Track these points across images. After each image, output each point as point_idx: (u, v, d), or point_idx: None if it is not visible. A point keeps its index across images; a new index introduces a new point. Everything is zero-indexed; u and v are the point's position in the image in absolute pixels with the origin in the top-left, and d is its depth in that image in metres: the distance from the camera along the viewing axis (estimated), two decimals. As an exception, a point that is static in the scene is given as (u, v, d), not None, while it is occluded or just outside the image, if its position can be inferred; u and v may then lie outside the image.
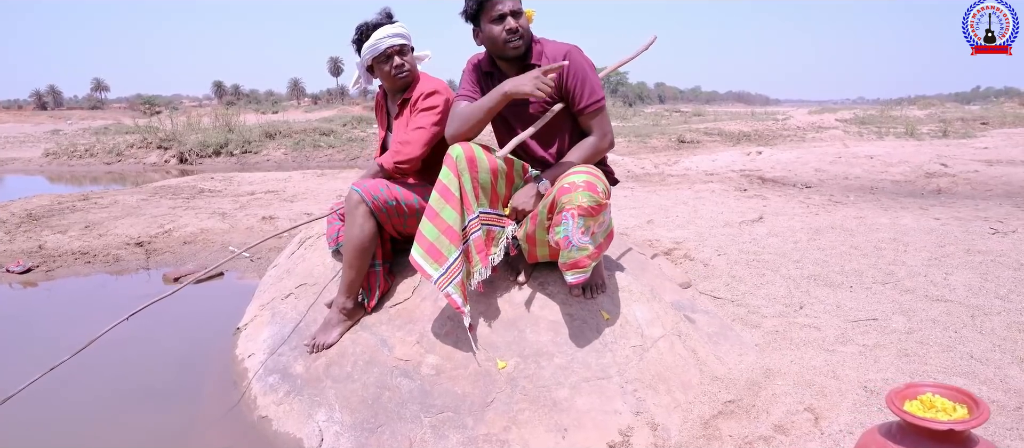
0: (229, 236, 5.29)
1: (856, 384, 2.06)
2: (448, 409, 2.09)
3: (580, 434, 1.95)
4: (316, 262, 3.02)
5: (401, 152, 2.46)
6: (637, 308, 2.38)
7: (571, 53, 2.24)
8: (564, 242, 2.02)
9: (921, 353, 2.26)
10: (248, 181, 8.60)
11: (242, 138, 13.46)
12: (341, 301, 2.49)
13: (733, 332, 2.49)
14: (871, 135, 13.19)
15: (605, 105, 2.31)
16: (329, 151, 13.50)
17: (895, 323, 2.57)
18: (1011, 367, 2.13)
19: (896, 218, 5.01)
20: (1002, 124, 14.15)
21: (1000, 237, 4.14)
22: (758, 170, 8.97)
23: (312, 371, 2.38)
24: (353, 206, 2.44)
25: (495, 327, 2.31)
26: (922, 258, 3.57)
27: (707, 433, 1.91)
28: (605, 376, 2.11)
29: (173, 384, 2.69)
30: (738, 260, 3.75)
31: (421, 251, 2.17)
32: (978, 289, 2.96)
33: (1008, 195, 6.66)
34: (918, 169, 8.42)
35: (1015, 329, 2.46)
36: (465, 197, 2.21)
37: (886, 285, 3.10)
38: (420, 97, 2.53)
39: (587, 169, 2.13)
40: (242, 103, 57.85)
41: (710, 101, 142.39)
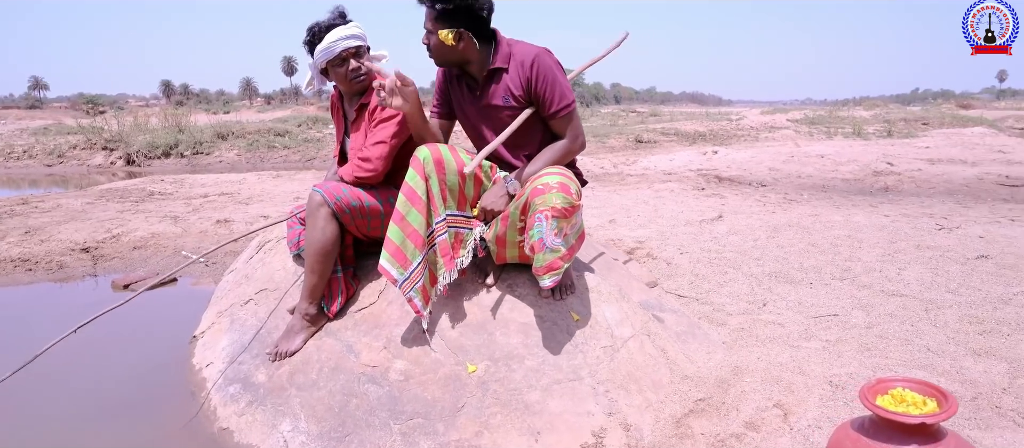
0: (182, 241, 5.11)
1: (822, 379, 2.10)
2: (418, 415, 2.04)
3: (553, 436, 1.93)
4: (276, 267, 2.93)
5: (362, 168, 2.39)
6: (606, 308, 2.38)
7: (540, 57, 2.20)
8: (538, 245, 1.99)
9: (881, 347, 2.33)
10: (201, 183, 8.34)
11: (193, 139, 13.05)
12: (304, 307, 2.42)
13: (701, 330, 2.52)
14: (821, 135, 13.61)
15: (576, 108, 2.29)
16: (284, 152, 13.20)
17: (855, 318, 2.64)
18: (966, 359, 2.20)
19: (849, 215, 5.16)
20: (941, 124, 14.78)
21: (946, 233, 4.30)
22: (715, 169, 9.15)
23: (275, 380, 2.30)
24: (315, 208, 2.37)
25: (464, 330, 2.27)
26: (876, 254, 3.68)
27: (679, 432, 1.92)
28: (577, 378, 2.10)
29: (128, 396, 2.56)
30: (701, 258, 3.81)
31: (388, 256, 2.12)
32: (930, 283, 3.06)
33: (950, 193, 6.95)
34: (866, 168, 8.72)
35: (966, 322, 2.55)
36: (432, 200, 2.18)
37: (844, 281, 3.18)
38: (378, 105, 2.45)
39: (559, 171, 2.11)
40: (192, 103, 56.23)
41: (665, 101, 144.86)
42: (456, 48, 2.18)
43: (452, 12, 2.12)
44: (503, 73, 2.24)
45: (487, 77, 2.25)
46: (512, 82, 2.23)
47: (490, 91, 2.26)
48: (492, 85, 2.26)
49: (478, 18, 2.17)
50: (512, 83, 2.23)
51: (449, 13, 2.13)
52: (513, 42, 2.28)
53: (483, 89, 2.28)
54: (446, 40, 2.15)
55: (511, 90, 2.23)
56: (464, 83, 2.34)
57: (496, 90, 2.25)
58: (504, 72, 2.23)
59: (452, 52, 2.20)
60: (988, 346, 2.30)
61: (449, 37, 2.15)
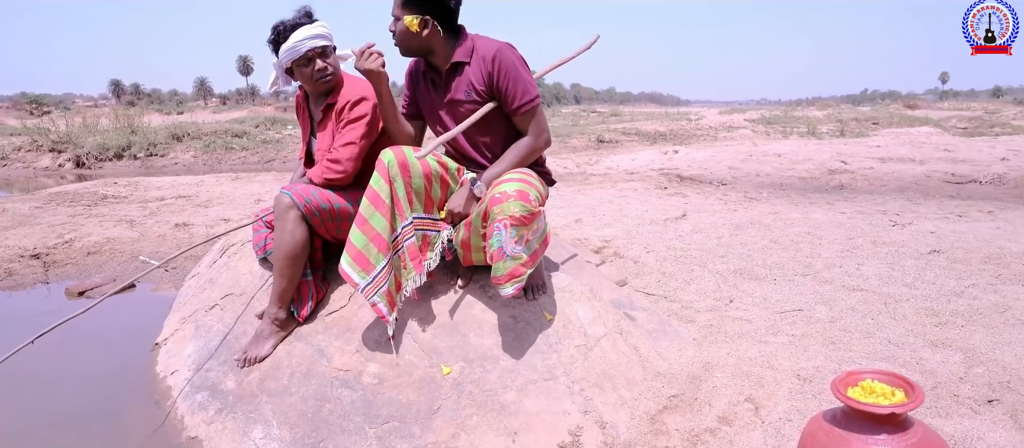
0: (139, 245, 4.95)
1: (790, 373, 2.15)
2: (393, 418, 2.02)
3: (530, 436, 1.94)
4: (243, 271, 2.86)
5: (332, 169, 2.36)
6: (578, 308, 2.40)
7: (502, 51, 2.19)
8: (498, 254, 1.97)
9: (845, 340, 2.40)
10: (156, 186, 8.10)
11: (147, 140, 12.65)
12: (273, 311, 2.37)
13: (671, 328, 2.55)
14: (777, 134, 13.96)
15: (540, 104, 2.29)
16: (242, 153, 12.91)
17: (819, 313, 2.72)
18: (924, 350, 2.29)
19: (807, 213, 5.31)
20: (890, 124, 15.33)
21: (900, 229, 4.46)
22: (676, 168, 9.30)
23: (245, 386, 2.25)
24: (283, 210, 2.32)
25: (437, 332, 2.26)
26: (835, 250, 3.80)
27: (654, 428, 1.95)
28: (552, 377, 2.11)
29: (89, 407, 2.47)
30: (667, 257, 3.86)
31: (349, 259, 2.09)
32: (887, 278, 3.17)
33: (900, 190, 7.21)
34: (822, 166, 8.98)
35: (924, 314, 2.65)
36: (397, 203, 2.16)
37: (806, 277, 3.27)
38: (346, 105, 2.39)
39: (520, 176, 2.10)
40: (144, 103, 54.47)
41: (624, 101, 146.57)
42: (420, 35, 2.16)
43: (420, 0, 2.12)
44: (465, 67, 2.23)
45: (450, 71, 2.24)
46: (474, 76, 2.22)
47: (453, 85, 2.25)
48: (455, 79, 2.25)
49: (445, 8, 2.16)
50: (474, 77, 2.22)
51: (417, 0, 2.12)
52: (477, 37, 2.27)
53: (446, 83, 2.27)
54: (411, 26, 2.14)
55: (473, 84, 2.22)
56: (429, 78, 2.33)
57: (459, 84, 2.24)
58: (466, 65, 2.22)
59: (416, 39, 2.18)
60: (944, 337, 2.40)
61: (414, 23, 2.13)
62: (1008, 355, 2.21)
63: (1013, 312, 2.63)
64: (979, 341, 2.34)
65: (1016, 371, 2.10)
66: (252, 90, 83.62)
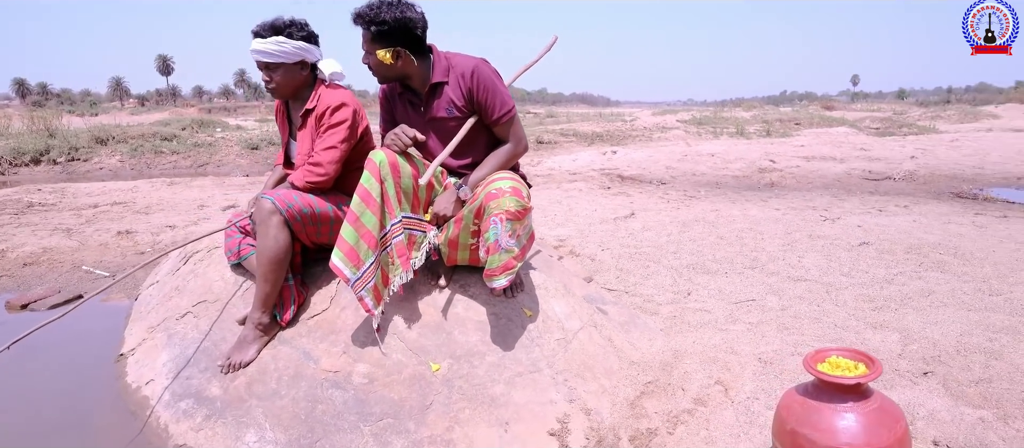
0: (80, 255, 4.76)
1: (752, 357, 2.35)
2: (387, 415, 2.09)
3: (521, 426, 2.05)
4: (214, 277, 2.84)
5: (314, 172, 2.41)
6: (555, 303, 2.53)
7: (479, 67, 2.31)
8: (494, 246, 2.09)
9: (797, 326, 2.63)
10: (86, 192, 7.72)
11: (67, 144, 11.97)
12: (256, 316, 2.39)
13: (640, 320, 2.72)
14: (708, 135, 14.57)
15: (516, 113, 2.42)
16: (173, 158, 12.40)
17: (770, 302, 2.95)
18: (867, 331, 2.54)
19: (745, 210, 5.64)
20: (811, 125, 16.27)
21: (830, 223, 4.82)
22: (616, 169, 9.61)
23: (232, 392, 2.26)
24: (266, 216, 2.35)
25: (423, 331, 2.34)
26: (777, 244, 4.08)
27: (635, 412, 2.10)
28: (536, 369, 2.23)
29: (59, 421, 2.40)
30: (622, 254, 4.05)
31: (341, 255, 2.16)
32: (826, 268, 3.46)
33: (825, 187, 7.73)
34: (753, 165, 9.48)
35: (861, 300, 2.92)
36: (387, 202, 2.23)
37: (754, 270, 3.52)
38: (326, 111, 2.46)
39: (511, 176, 2.23)
40: (53, 104, 51.17)
41: (557, 102, 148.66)
42: (395, 66, 2.28)
43: (387, 33, 2.21)
44: (444, 86, 2.34)
45: (429, 91, 2.34)
46: (454, 93, 2.33)
47: (433, 105, 2.36)
48: (435, 99, 2.36)
49: (413, 37, 2.26)
50: (454, 94, 2.33)
51: (385, 34, 2.22)
52: (450, 55, 2.38)
53: (426, 103, 2.37)
54: (384, 59, 2.25)
55: (453, 101, 2.34)
56: (406, 99, 2.43)
57: (439, 103, 2.35)
58: (445, 85, 2.33)
59: (391, 69, 2.30)
60: (882, 320, 2.66)
61: (387, 56, 2.25)
62: (936, 333, 2.49)
63: (937, 296, 2.94)
64: (911, 322, 2.62)
65: (944, 347, 2.37)
66: (173, 90, 79.92)
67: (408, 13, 2.19)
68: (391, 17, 2.16)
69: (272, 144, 13.50)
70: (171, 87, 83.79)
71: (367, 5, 2.20)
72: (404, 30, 2.20)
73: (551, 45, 2.72)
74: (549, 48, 2.71)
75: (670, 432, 1.95)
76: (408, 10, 2.20)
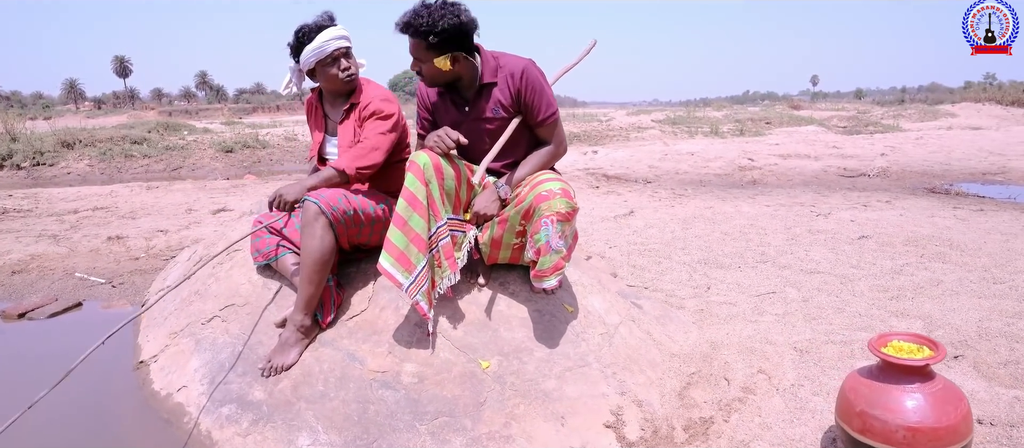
0: (71, 261, 4.62)
1: (787, 346, 2.42)
2: (442, 414, 2.10)
3: (577, 419, 2.08)
4: (240, 280, 2.80)
5: (368, 157, 2.40)
6: (593, 299, 2.56)
7: (528, 68, 2.32)
8: (545, 247, 2.11)
9: (823, 316, 2.71)
10: (60, 197, 7.48)
11: (32, 148, 11.58)
12: (298, 319, 2.36)
13: (674, 313, 2.77)
14: (684, 134, 14.81)
15: (559, 115, 2.44)
16: (144, 161, 12.08)
17: (790, 294, 3.03)
18: (891, 319, 2.64)
19: (738, 207, 5.77)
20: (781, 124, 16.68)
21: (824, 218, 4.97)
22: (600, 168, 9.70)
23: (277, 395, 2.23)
24: (312, 218, 2.33)
25: (468, 329, 2.35)
26: (780, 239, 4.19)
27: (685, 403, 2.14)
28: (585, 364, 2.26)
29: (91, 433, 2.33)
30: (631, 251, 4.11)
31: (391, 259, 2.15)
32: (835, 261, 3.57)
33: (805, 184, 7.93)
34: (732, 164, 9.68)
35: (878, 291, 3.03)
36: (433, 204, 2.23)
37: (765, 263, 3.62)
38: (375, 102, 2.48)
39: (559, 177, 2.26)
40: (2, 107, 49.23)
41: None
42: (452, 71, 2.27)
43: (446, 40, 2.19)
44: (492, 87, 2.34)
45: (477, 91, 2.35)
46: (502, 93, 2.34)
47: (480, 104, 2.36)
48: (482, 99, 2.36)
49: (468, 40, 2.25)
50: (502, 94, 2.34)
51: (443, 42, 2.19)
52: (497, 55, 2.39)
53: (472, 103, 2.37)
54: (443, 67, 2.23)
55: (501, 101, 2.34)
56: (449, 99, 2.42)
57: (486, 103, 2.35)
58: (494, 85, 2.34)
59: (448, 75, 2.29)
60: (901, 308, 2.77)
61: (446, 63, 2.22)
62: (957, 320, 2.60)
63: (946, 285, 3.06)
64: (931, 310, 2.72)
65: (967, 333, 2.48)
66: (132, 93, 77.64)
67: (462, 17, 2.18)
68: (448, 25, 2.14)
69: (246, 147, 13.26)
70: (129, 89, 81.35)
71: (418, 13, 2.16)
72: (461, 34, 2.19)
73: (589, 49, 2.74)
74: (588, 51, 2.73)
75: (726, 420, 2.00)
76: (462, 14, 2.18)
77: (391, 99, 2.49)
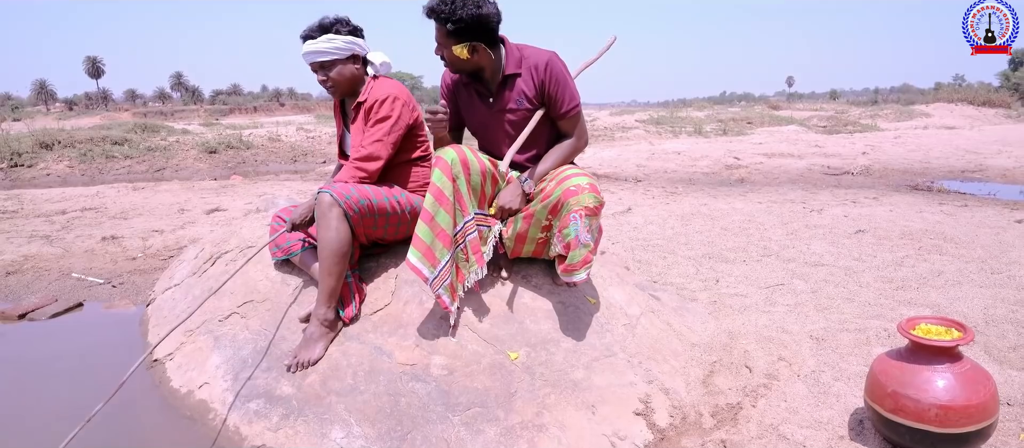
0: (66, 262, 4.54)
1: (804, 335, 2.48)
2: (475, 405, 2.12)
3: (608, 408, 2.11)
4: (257, 277, 2.79)
5: (363, 169, 2.43)
6: (613, 291, 2.60)
7: (552, 61, 2.35)
8: (574, 242, 2.15)
9: (834, 306, 2.78)
10: (45, 198, 7.33)
11: (9, 149, 11.33)
12: (322, 313, 2.37)
13: (690, 305, 2.82)
14: (668, 133, 14.97)
15: (581, 108, 2.48)
16: (126, 162, 11.89)
17: (798, 286, 3.11)
18: (901, 308, 2.72)
19: (731, 204, 5.86)
20: (762, 123, 16.94)
21: (818, 214, 5.07)
22: (589, 167, 9.77)
23: (306, 390, 2.24)
24: (326, 209, 2.34)
25: (494, 321, 2.37)
26: (780, 234, 4.28)
27: (710, 390, 2.19)
28: (611, 354, 2.29)
29: (114, 432, 2.31)
30: (634, 246, 4.16)
31: (419, 254, 2.17)
32: (837, 254, 3.66)
33: (792, 182, 8.07)
34: (719, 162, 9.81)
35: (882, 281, 3.11)
36: (460, 199, 2.25)
37: (769, 257, 3.69)
38: (374, 104, 2.47)
39: (584, 171, 2.30)
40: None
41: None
42: (471, 59, 2.29)
43: (465, 29, 2.22)
44: (516, 78, 2.37)
45: (501, 82, 2.37)
46: (526, 85, 2.37)
47: (504, 96, 2.39)
48: (506, 90, 2.38)
49: (489, 31, 2.28)
50: (526, 86, 2.37)
51: (462, 30, 2.22)
52: (522, 47, 2.42)
53: (496, 94, 2.39)
54: (461, 55, 2.26)
55: (525, 93, 2.37)
56: (473, 89, 2.44)
57: (510, 94, 2.38)
58: (517, 77, 2.37)
59: (467, 63, 2.31)
60: (908, 298, 2.85)
61: (464, 51, 2.25)
62: (963, 307, 2.69)
63: (947, 276, 3.16)
64: (937, 299, 2.81)
65: (974, 320, 2.57)
66: (104, 94, 76.10)
67: (484, 8, 2.21)
68: (468, 14, 2.18)
69: (230, 147, 13.12)
70: (102, 90, 79.74)
71: (441, 0, 2.21)
72: (481, 25, 2.22)
73: (610, 44, 2.76)
74: (608, 47, 2.76)
75: (754, 405, 2.05)
76: (484, 5, 2.21)
77: (391, 99, 2.46)
